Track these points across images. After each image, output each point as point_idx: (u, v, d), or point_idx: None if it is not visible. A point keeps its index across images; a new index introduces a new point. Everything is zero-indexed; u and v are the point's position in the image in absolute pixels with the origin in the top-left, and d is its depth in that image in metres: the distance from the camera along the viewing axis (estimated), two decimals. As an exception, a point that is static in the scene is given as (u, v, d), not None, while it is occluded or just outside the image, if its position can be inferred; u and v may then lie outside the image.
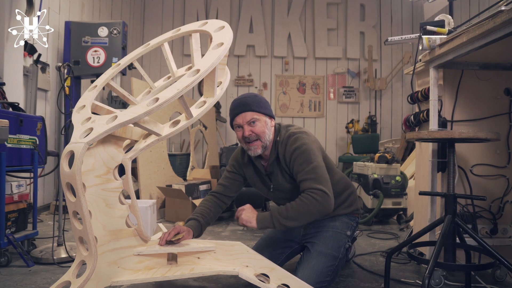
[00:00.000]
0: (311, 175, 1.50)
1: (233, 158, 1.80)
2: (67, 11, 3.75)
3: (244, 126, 1.58)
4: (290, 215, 1.46)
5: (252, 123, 1.58)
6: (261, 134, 1.58)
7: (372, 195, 3.03)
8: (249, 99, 1.60)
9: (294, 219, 1.47)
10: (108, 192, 1.33)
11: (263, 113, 1.60)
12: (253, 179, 1.75)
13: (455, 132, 1.46)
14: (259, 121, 1.58)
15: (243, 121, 1.58)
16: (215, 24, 1.44)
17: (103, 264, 1.30)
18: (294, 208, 1.47)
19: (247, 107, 1.58)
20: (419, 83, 2.10)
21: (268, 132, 1.61)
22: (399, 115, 6.04)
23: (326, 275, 1.55)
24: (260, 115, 1.59)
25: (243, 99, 1.61)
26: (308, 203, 1.45)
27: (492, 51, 1.58)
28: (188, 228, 1.57)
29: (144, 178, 3.25)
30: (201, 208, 1.69)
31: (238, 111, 1.59)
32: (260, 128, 1.58)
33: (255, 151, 1.60)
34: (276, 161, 1.64)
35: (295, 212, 1.46)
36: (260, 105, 1.61)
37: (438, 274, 1.56)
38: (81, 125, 1.28)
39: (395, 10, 6.13)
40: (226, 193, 1.76)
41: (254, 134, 1.57)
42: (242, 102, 1.59)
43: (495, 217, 1.83)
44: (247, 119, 1.57)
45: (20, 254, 1.90)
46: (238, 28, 5.93)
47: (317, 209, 1.46)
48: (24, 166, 2.09)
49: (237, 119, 1.59)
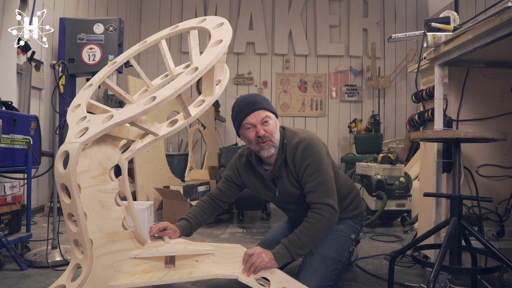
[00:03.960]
0: (320, 188, 1.50)
1: (230, 168, 1.77)
2: (61, 7, 3.72)
3: (257, 125, 1.52)
4: (304, 243, 1.47)
5: (265, 123, 1.54)
6: (272, 134, 1.55)
7: (375, 197, 3.00)
8: (258, 97, 1.57)
9: (309, 244, 1.49)
10: (104, 193, 1.33)
11: (273, 112, 1.58)
12: (256, 187, 1.71)
13: (461, 131, 1.44)
14: (271, 120, 1.56)
15: (256, 120, 1.52)
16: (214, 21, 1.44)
17: (98, 267, 1.29)
18: (305, 234, 1.47)
19: (259, 105, 1.53)
20: (424, 81, 2.08)
21: (277, 132, 1.58)
22: (403, 115, 6.00)
23: (329, 279, 1.52)
24: (271, 114, 1.57)
25: (252, 98, 1.56)
26: (317, 223, 1.47)
27: (498, 49, 1.56)
28: (176, 227, 1.58)
29: (141, 179, 3.22)
30: (194, 209, 1.71)
31: (250, 110, 1.52)
32: (272, 127, 1.55)
33: (269, 151, 1.55)
34: (284, 164, 1.60)
35: (307, 237, 1.47)
36: (269, 103, 1.59)
37: (443, 278, 1.54)
38: (76, 125, 1.27)
39: (399, 6, 6.09)
40: (222, 198, 1.76)
41: (267, 134, 1.53)
42: (252, 101, 1.55)
43: (501, 219, 1.81)
44: (261, 117, 1.52)
45: (14, 257, 1.88)
46: (238, 25, 5.89)
47: (326, 226, 1.49)
48: (18, 167, 2.07)
49: (249, 119, 1.53)
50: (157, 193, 3.26)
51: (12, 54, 2.80)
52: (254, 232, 2.83)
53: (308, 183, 1.52)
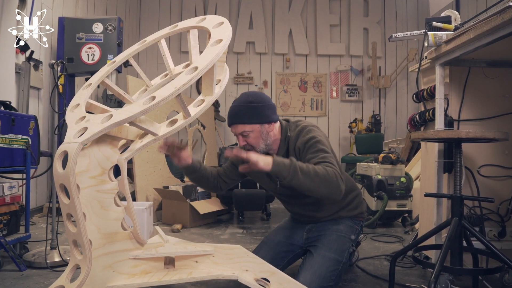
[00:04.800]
0: (327, 160, 1.46)
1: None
2: (60, 6, 3.70)
3: (238, 136, 1.61)
4: (309, 173, 1.38)
5: (245, 135, 1.58)
6: (255, 144, 1.59)
7: (376, 197, 2.99)
8: (242, 109, 1.57)
9: (310, 178, 1.37)
10: (103, 193, 1.31)
11: (257, 123, 1.57)
12: (259, 176, 1.74)
13: (462, 131, 1.43)
14: (252, 133, 1.58)
15: (236, 131, 1.61)
16: (214, 20, 1.43)
17: (97, 268, 1.28)
18: (315, 169, 1.39)
19: (238, 119, 1.58)
20: (425, 81, 2.08)
21: (264, 140, 1.60)
22: (404, 114, 5.98)
23: (329, 279, 1.51)
24: (252, 126, 1.57)
25: (236, 109, 1.59)
26: (329, 173, 1.38)
27: (500, 48, 1.56)
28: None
29: (140, 179, 3.21)
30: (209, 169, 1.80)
31: (230, 122, 1.62)
32: (253, 139, 1.59)
33: None
34: (286, 155, 1.63)
35: (314, 172, 1.38)
36: (254, 115, 1.56)
37: (444, 279, 1.53)
38: (75, 125, 1.26)
39: (400, 5, 6.07)
40: (223, 177, 1.81)
41: (248, 145, 1.59)
42: (235, 112, 1.59)
43: (503, 220, 1.81)
44: (239, 131, 1.59)
45: (12, 258, 1.87)
46: (238, 24, 5.88)
47: (332, 185, 1.39)
48: (16, 167, 2.07)
49: (232, 129, 1.63)
50: (157, 193, 3.25)
51: (11, 54, 2.79)
52: (254, 233, 2.82)
53: (313, 158, 1.49)
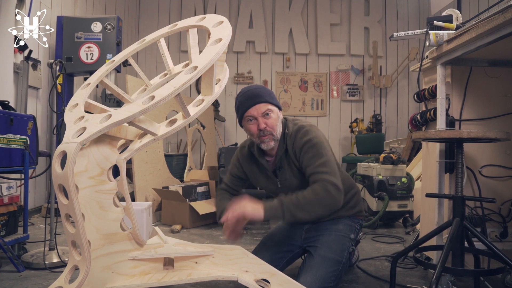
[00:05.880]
0: (323, 169, 1.46)
1: (232, 162, 1.81)
2: (59, 5, 3.69)
3: (258, 118, 1.54)
4: (302, 205, 1.39)
5: (266, 115, 1.55)
6: (273, 127, 1.56)
7: (377, 197, 2.98)
8: (261, 90, 1.58)
9: (305, 210, 1.39)
10: (102, 194, 1.31)
11: (275, 105, 1.58)
12: (258, 178, 1.73)
13: (464, 131, 1.42)
14: (273, 113, 1.56)
15: (257, 113, 1.54)
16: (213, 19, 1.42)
17: (96, 269, 1.27)
18: (306, 198, 1.40)
19: (261, 98, 1.54)
20: (426, 80, 2.07)
21: (279, 125, 1.59)
22: (405, 114, 5.97)
23: (330, 280, 1.50)
24: (273, 107, 1.57)
25: (254, 90, 1.57)
26: (321, 194, 1.40)
27: (502, 47, 1.55)
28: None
29: (140, 179, 3.20)
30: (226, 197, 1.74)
31: (251, 102, 1.53)
32: (273, 121, 1.56)
33: (269, 144, 1.57)
34: (285, 154, 1.62)
35: (307, 202, 1.39)
36: (272, 96, 1.59)
37: (446, 280, 1.51)
38: (73, 124, 1.26)
39: (401, 4, 6.07)
40: (231, 192, 1.81)
41: (268, 127, 1.55)
42: (255, 94, 1.55)
43: (505, 220, 1.80)
44: (262, 110, 1.54)
45: (10, 259, 1.86)
46: (237, 23, 5.87)
47: (329, 202, 1.41)
48: (15, 167, 2.06)
49: (251, 111, 1.54)
50: (156, 193, 3.24)
51: (9, 53, 2.78)
52: (254, 233, 2.81)
53: (310, 166, 1.49)
